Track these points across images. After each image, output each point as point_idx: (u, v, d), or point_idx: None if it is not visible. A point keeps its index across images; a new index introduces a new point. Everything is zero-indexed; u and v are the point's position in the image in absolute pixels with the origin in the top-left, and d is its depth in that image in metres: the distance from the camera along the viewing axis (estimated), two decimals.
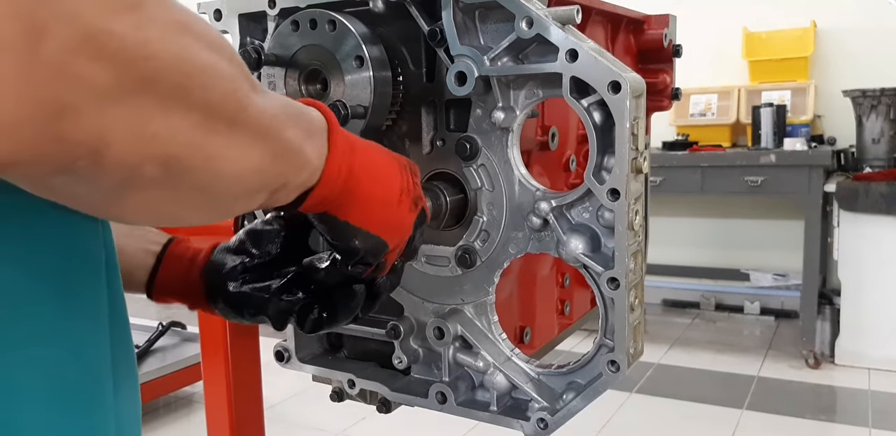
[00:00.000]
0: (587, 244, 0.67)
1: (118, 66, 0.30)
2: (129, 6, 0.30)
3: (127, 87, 0.30)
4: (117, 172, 0.32)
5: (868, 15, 3.51)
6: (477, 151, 0.71)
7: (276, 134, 0.43)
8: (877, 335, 3.04)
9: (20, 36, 0.27)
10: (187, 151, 0.35)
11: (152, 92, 0.31)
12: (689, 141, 3.56)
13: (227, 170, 0.38)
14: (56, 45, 0.28)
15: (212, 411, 1.10)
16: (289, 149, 0.45)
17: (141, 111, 0.31)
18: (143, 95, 0.31)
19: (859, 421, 2.61)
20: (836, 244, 3.09)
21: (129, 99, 0.31)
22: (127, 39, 0.30)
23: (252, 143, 0.40)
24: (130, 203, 0.36)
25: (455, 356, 0.77)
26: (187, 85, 0.33)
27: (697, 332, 3.69)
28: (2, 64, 0.26)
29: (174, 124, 0.33)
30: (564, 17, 0.62)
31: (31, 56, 0.27)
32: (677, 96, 1.07)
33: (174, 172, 0.34)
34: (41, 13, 0.27)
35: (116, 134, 0.30)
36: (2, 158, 0.28)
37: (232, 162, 0.38)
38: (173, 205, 0.38)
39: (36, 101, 0.28)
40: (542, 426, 0.71)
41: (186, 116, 0.34)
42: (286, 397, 2.86)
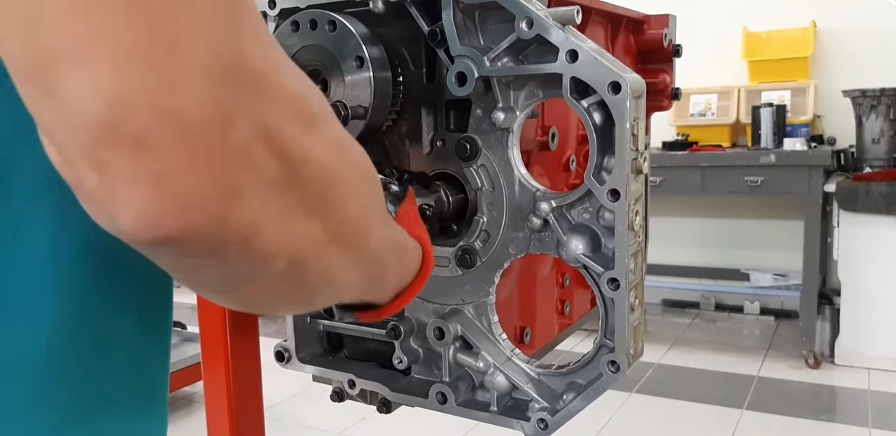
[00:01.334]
0: (587, 245, 0.67)
1: (284, 162, 0.32)
2: (306, 119, 0.33)
3: (285, 183, 0.32)
4: (255, 262, 0.33)
5: (868, 15, 3.51)
6: (477, 151, 0.71)
7: (381, 267, 0.46)
8: (877, 335, 3.04)
9: (214, 121, 0.28)
10: (312, 255, 0.36)
11: (302, 193, 0.33)
12: (689, 141, 3.56)
13: (334, 280, 0.40)
14: (242, 135, 0.29)
15: (212, 411, 1.10)
16: (383, 282, 0.49)
17: (290, 208, 0.33)
18: (294, 194, 0.33)
19: (859, 421, 2.61)
20: (836, 244, 3.09)
21: (284, 194, 0.32)
22: (295, 141, 0.32)
23: (360, 265, 0.42)
24: (245, 292, 0.37)
25: (455, 357, 0.77)
26: (330, 196, 0.36)
27: (697, 332, 3.69)
28: (196, 145, 0.28)
29: (311, 228, 0.35)
30: (564, 18, 0.62)
31: (221, 140, 0.29)
32: (677, 96, 1.07)
33: (295, 271, 0.36)
34: (235, 105, 0.29)
35: (268, 225, 0.32)
36: (173, 233, 0.29)
37: (339, 275, 0.40)
38: (277, 298, 0.40)
39: (218, 183, 0.29)
40: (543, 427, 0.71)
41: (322, 223, 0.36)
42: (286, 397, 2.86)
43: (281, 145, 0.31)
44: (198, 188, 0.28)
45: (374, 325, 0.82)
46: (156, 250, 0.31)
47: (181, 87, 0.27)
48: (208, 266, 0.33)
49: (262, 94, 0.30)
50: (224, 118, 0.28)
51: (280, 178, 0.32)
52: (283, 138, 0.31)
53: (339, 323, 0.86)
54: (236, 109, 0.29)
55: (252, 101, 0.30)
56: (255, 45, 0.30)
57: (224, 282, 0.35)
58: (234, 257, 0.32)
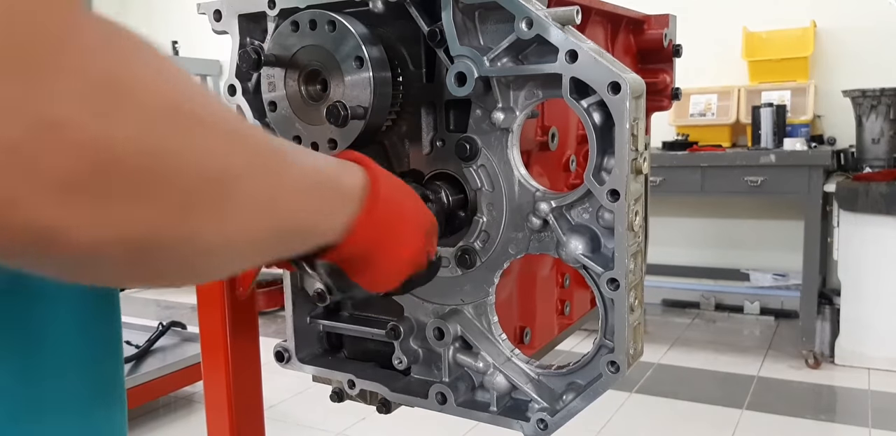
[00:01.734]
0: (587, 245, 0.67)
1: (77, 156, 0.27)
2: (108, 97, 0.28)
3: (85, 177, 0.27)
4: (74, 256, 0.29)
5: (868, 15, 3.51)
6: (477, 151, 0.71)
7: (283, 213, 0.40)
8: (877, 335, 3.04)
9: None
10: (161, 235, 0.32)
11: (113, 182, 0.28)
12: (688, 141, 3.56)
13: (213, 247, 0.35)
14: (12, 132, 0.25)
15: (212, 411, 1.10)
16: (300, 227, 0.43)
17: (100, 200, 0.28)
18: (101, 184, 0.28)
19: (859, 421, 2.61)
20: (836, 244, 3.09)
21: (87, 188, 0.28)
22: (90, 129, 0.27)
23: (247, 221, 0.37)
24: (100, 276, 0.33)
25: (455, 357, 0.77)
26: (155, 169, 0.30)
27: (697, 332, 3.69)
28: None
29: (144, 211, 0.30)
30: (564, 18, 0.62)
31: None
32: (677, 96, 1.07)
33: (143, 252, 0.31)
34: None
35: (73, 222, 0.28)
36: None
37: (218, 240, 0.35)
38: (151, 277, 0.36)
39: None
40: (542, 427, 0.71)
41: (155, 202, 0.31)
42: (286, 397, 2.86)
43: (71, 137, 0.26)
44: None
45: (373, 325, 0.82)
46: None
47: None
48: (21, 264, 0.29)
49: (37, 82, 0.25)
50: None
51: (75, 173, 0.27)
52: (74, 128, 0.26)
53: (339, 324, 0.86)
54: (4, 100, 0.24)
55: (21, 91, 0.25)
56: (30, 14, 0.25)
57: (59, 274, 0.32)
58: (40, 257, 0.29)
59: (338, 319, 0.86)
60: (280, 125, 0.77)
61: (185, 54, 4.99)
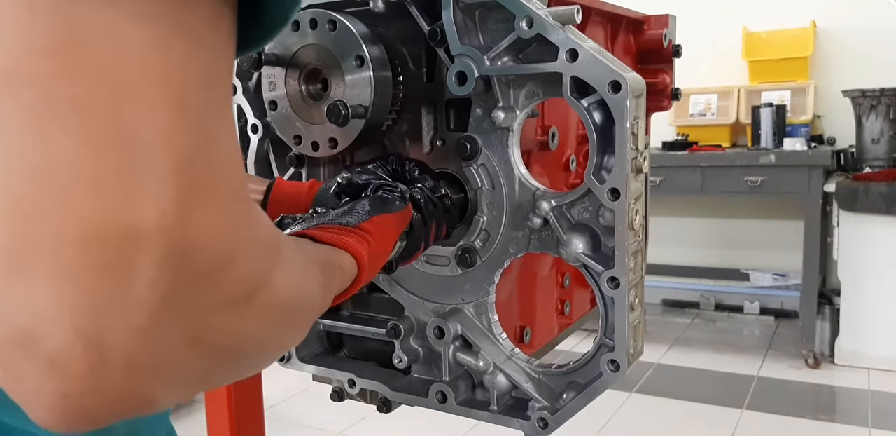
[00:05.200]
0: (587, 244, 0.67)
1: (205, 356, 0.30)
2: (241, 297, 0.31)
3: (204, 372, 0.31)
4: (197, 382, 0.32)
5: (868, 15, 3.51)
6: (477, 150, 0.71)
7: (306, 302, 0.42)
8: (876, 335, 3.04)
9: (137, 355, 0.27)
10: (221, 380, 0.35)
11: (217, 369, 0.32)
12: (688, 141, 3.56)
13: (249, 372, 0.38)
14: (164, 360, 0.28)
15: (212, 411, 1.10)
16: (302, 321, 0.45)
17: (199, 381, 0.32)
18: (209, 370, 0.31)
19: (859, 421, 2.61)
20: (836, 244, 3.09)
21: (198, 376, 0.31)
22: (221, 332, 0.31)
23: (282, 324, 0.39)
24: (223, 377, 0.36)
25: (455, 356, 0.77)
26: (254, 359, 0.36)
27: (697, 332, 3.69)
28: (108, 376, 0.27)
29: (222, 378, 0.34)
30: (564, 17, 0.62)
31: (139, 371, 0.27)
32: (677, 96, 1.07)
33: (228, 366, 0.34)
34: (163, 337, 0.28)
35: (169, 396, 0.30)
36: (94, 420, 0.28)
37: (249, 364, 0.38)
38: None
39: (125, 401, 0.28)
40: (542, 426, 0.71)
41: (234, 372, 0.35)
42: (286, 397, 2.86)
43: (206, 344, 0.30)
44: (102, 406, 0.27)
45: (374, 325, 0.82)
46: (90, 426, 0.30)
47: (111, 319, 0.26)
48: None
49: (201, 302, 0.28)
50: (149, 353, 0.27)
51: (198, 370, 0.30)
52: (210, 335, 0.30)
53: (340, 323, 0.86)
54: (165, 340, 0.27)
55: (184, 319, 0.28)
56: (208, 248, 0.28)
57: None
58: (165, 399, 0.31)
59: (338, 318, 0.86)
60: (280, 124, 0.77)
61: None
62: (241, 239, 0.30)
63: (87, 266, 0.25)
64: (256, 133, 0.86)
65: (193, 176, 0.27)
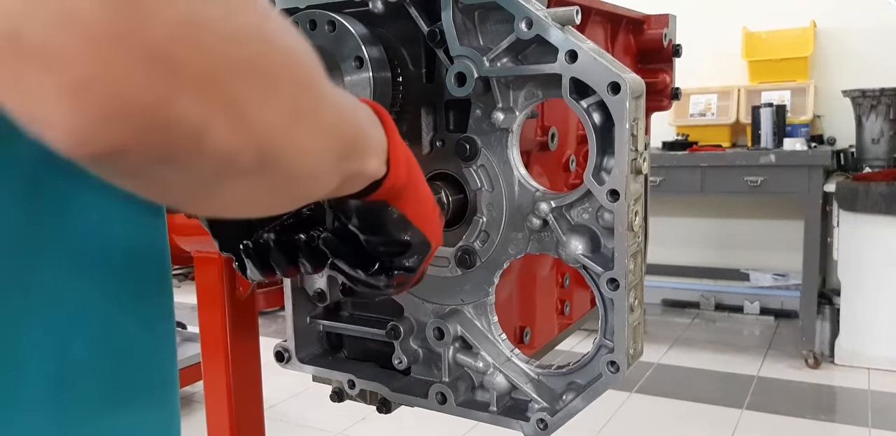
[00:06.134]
0: (587, 245, 0.67)
1: (214, 51, 0.29)
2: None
3: (222, 72, 0.30)
4: (216, 160, 0.31)
5: (868, 15, 3.51)
6: (477, 151, 0.71)
7: (350, 119, 0.43)
8: (876, 335, 3.04)
9: (122, 20, 0.26)
10: (279, 138, 0.34)
11: (244, 78, 0.31)
12: (688, 141, 3.56)
13: (312, 155, 0.38)
14: (158, 32, 0.27)
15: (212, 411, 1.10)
16: (361, 135, 0.45)
17: (237, 96, 0.31)
18: (236, 81, 0.31)
19: (859, 421, 2.61)
20: (836, 244, 3.09)
21: (225, 83, 0.30)
22: (221, 26, 0.30)
23: (332, 128, 0.40)
24: (222, 193, 0.35)
25: (455, 357, 0.77)
26: (277, 72, 0.33)
27: (697, 332, 3.69)
28: (106, 49, 0.26)
29: (267, 111, 0.33)
30: (564, 18, 0.62)
31: (134, 40, 0.26)
32: (677, 96, 1.07)
33: (267, 159, 0.34)
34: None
35: (218, 120, 0.30)
36: (107, 147, 0.27)
37: (316, 147, 0.38)
38: (261, 193, 0.37)
39: (140, 86, 0.27)
40: (542, 427, 0.71)
41: (278, 103, 0.33)
42: (286, 397, 2.87)
43: (207, 34, 0.29)
44: (120, 95, 0.26)
45: (373, 325, 0.82)
46: (104, 167, 0.29)
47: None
48: (167, 174, 0.31)
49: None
50: (133, 15, 0.26)
51: (214, 67, 0.29)
52: (207, 25, 0.29)
53: (339, 323, 0.86)
54: (145, 3, 0.26)
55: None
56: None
57: (192, 188, 0.34)
58: (191, 160, 0.30)
59: (338, 319, 0.86)
60: None
61: None
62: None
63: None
64: None
65: None
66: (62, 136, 0.27)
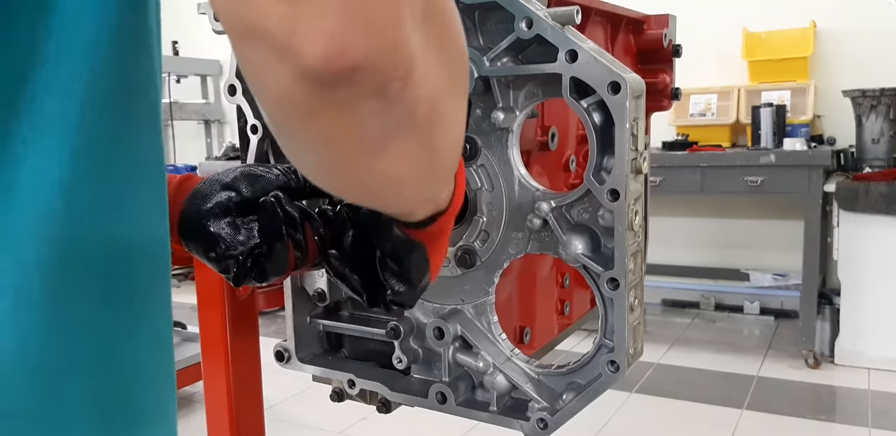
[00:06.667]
0: (587, 244, 0.67)
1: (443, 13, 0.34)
2: None
3: (429, 15, 0.33)
4: (408, 105, 0.34)
5: (868, 15, 3.51)
6: (477, 151, 0.71)
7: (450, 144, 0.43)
8: (877, 335, 3.04)
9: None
10: (441, 100, 0.37)
11: (435, 26, 0.34)
12: (688, 141, 3.56)
13: (456, 134, 0.41)
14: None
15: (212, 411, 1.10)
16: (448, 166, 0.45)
17: (429, 42, 0.34)
18: (430, 26, 0.34)
19: (859, 421, 2.61)
20: (836, 244, 3.09)
21: (427, 27, 0.33)
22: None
23: (462, 121, 0.42)
24: (390, 152, 0.37)
25: (455, 356, 0.77)
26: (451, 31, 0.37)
27: (697, 332, 3.69)
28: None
29: (440, 68, 0.35)
30: (564, 18, 0.62)
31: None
32: (677, 96, 1.07)
33: (433, 117, 0.36)
34: None
35: (420, 58, 0.33)
36: (358, 59, 0.30)
37: (457, 131, 0.40)
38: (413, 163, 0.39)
39: (392, 7, 0.30)
40: (542, 426, 0.71)
41: (445, 63, 0.36)
42: (286, 397, 2.87)
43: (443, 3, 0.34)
44: (378, 12, 0.30)
45: (373, 325, 0.82)
46: (333, 88, 0.31)
47: None
48: (370, 111, 0.33)
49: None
50: None
51: (425, 8, 0.33)
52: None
53: (339, 323, 0.86)
54: None
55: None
56: None
57: (377, 135, 0.35)
58: (395, 96, 0.33)
59: (338, 318, 0.86)
60: None
61: (185, 54, 4.99)
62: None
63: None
64: (256, 133, 0.86)
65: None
66: (320, 47, 0.29)
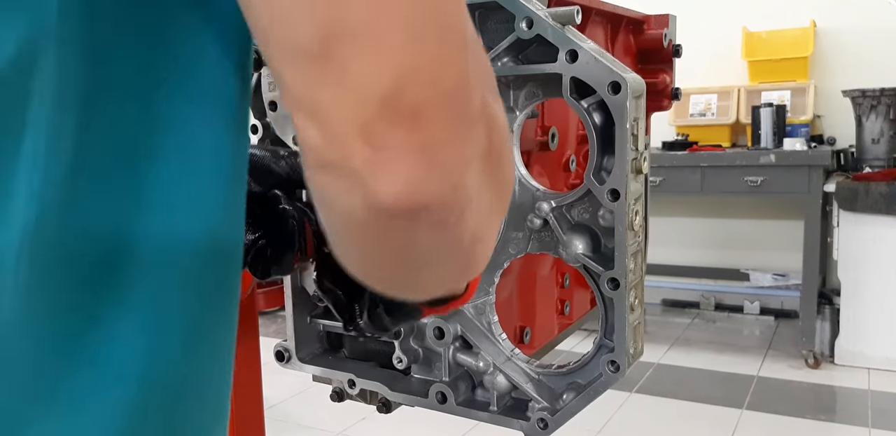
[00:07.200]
0: (587, 244, 0.67)
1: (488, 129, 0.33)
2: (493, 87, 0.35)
3: (489, 154, 0.33)
4: (457, 235, 0.34)
5: (868, 15, 3.51)
6: None
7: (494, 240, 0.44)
8: (877, 335, 3.04)
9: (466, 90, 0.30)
10: (488, 225, 0.38)
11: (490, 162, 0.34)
12: (688, 141, 3.55)
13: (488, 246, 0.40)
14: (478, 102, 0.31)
15: None
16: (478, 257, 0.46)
17: (484, 177, 0.34)
18: (487, 164, 0.34)
19: (859, 421, 2.61)
20: (836, 244, 3.09)
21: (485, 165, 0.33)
22: (491, 108, 0.34)
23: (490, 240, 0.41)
24: (431, 267, 0.38)
25: (455, 356, 0.77)
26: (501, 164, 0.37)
27: (697, 332, 3.69)
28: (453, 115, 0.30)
29: (488, 202, 0.36)
30: (564, 18, 0.63)
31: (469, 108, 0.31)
32: (677, 96, 1.07)
33: (476, 241, 0.37)
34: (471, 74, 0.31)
35: (474, 196, 0.33)
36: (431, 200, 0.30)
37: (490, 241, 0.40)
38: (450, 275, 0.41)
39: (463, 150, 0.31)
40: (542, 426, 0.71)
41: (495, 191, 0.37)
42: (286, 397, 2.87)
43: (488, 112, 0.33)
44: (453, 156, 0.30)
45: None
46: (399, 221, 0.31)
47: (450, 63, 0.29)
48: (423, 237, 0.34)
49: (480, 65, 0.32)
50: (469, 86, 0.30)
51: (485, 146, 0.33)
52: (488, 105, 0.33)
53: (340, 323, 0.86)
54: (473, 88, 0.31)
55: (476, 72, 0.31)
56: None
57: (423, 256, 0.36)
58: (449, 228, 0.33)
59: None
60: (280, 125, 0.77)
61: None
62: None
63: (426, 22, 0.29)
64: (256, 134, 0.86)
65: None
66: (397, 188, 0.29)
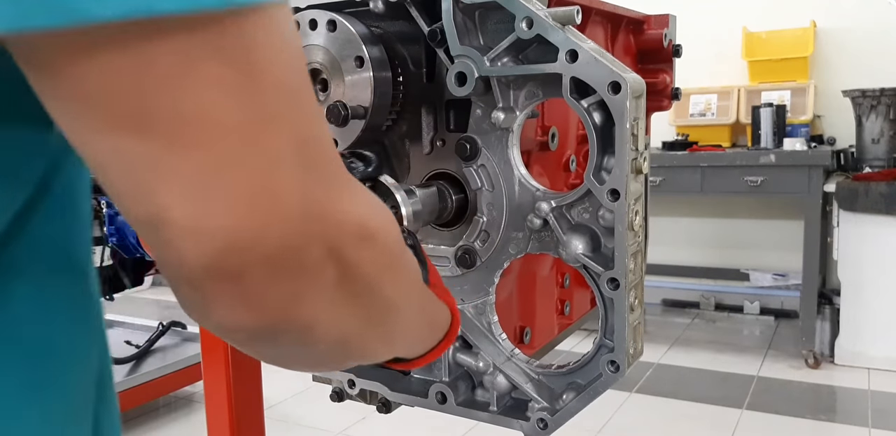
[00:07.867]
0: (587, 244, 0.67)
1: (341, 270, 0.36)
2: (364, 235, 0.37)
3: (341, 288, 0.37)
4: (305, 345, 0.38)
5: (868, 15, 3.51)
6: (477, 151, 0.71)
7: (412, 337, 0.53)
8: (877, 335, 3.04)
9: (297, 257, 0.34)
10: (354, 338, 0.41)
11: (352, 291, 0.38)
12: (688, 141, 3.56)
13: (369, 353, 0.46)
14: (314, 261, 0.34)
15: (212, 411, 1.10)
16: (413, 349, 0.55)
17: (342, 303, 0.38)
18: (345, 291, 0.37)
19: (859, 421, 2.61)
20: (836, 244, 3.09)
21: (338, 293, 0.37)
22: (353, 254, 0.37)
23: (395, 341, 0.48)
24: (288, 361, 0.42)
25: (455, 356, 0.77)
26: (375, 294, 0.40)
27: (697, 332, 3.69)
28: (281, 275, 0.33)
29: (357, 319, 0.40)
30: (564, 18, 0.62)
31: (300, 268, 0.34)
32: (677, 96, 1.07)
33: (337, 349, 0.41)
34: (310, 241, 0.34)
35: (323, 317, 0.37)
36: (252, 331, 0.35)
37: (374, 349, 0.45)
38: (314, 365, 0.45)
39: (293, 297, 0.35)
40: (542, 426, 0.71)
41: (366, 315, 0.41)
42: (286, 397, 2.87)
43: (342, 260, 0.36)
44: (278, 302, 0.34)
45: None
46: (247, 340, 0.37)
47: (274, 236, 0.32)
48: (266, 347, 0.38)
49: (329, 226, 0.35)
50: (303, 253, 0.34)
51: (337, 283, 0.36)
52: (344, 254, 0.36)
53: None
54: (311, 244, 0.34)
55: (321, 233, 0.34)
56: (325, 189, 0.35)
57: (274, 357, 0.41)
58: (290, 343, 0.38)
59: None
60: None
61: None
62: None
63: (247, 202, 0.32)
64: None
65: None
66: (223, 324, 0.35)
